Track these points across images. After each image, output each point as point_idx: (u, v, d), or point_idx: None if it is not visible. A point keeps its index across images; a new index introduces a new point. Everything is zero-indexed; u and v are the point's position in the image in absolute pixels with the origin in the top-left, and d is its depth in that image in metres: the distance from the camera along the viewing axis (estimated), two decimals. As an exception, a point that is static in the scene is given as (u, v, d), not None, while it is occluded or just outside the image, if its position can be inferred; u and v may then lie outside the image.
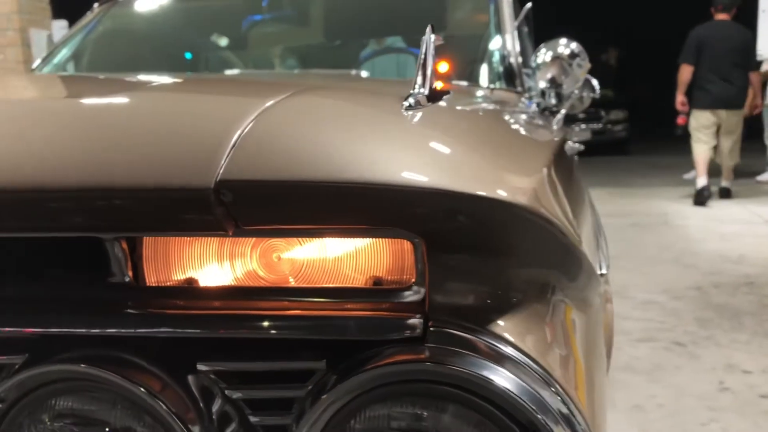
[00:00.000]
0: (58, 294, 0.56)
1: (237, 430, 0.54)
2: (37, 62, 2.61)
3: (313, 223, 0.48)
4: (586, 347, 0.57)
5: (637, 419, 2.41)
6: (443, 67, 2.37)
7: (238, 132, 0.48)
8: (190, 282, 0.57)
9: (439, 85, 1.47)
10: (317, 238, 0.53)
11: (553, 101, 1.99)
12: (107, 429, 0.54)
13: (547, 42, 2.04)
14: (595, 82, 2.47)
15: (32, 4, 8.21)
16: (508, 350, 0.48)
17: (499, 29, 2.30)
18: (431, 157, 0.50)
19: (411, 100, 0.57)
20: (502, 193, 0.46)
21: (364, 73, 1.96)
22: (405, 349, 0.48)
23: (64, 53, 2.64)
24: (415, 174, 0.47)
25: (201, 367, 0.54)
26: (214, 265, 0.57)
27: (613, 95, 12.39)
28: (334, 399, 0.49)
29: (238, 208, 0.46)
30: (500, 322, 0.49)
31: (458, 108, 0.69)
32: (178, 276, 0.57)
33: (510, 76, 2.10)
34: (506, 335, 0.49)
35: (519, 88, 2.06)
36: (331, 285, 0.55)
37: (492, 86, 2.03)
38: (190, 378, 0.54)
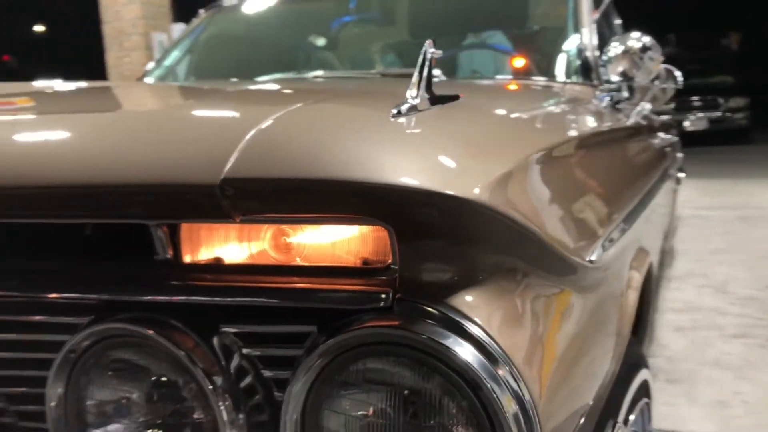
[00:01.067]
0: (116, 269, 0.70)
1: (251, 383, 0.66)
2: (150, 65, 2.87)
3: (303, 212, 0.59)
4: (555, 330, 0.64)
5: (718, 415, 2.36)
6: (519, 62, 2.41)
7: (241, 141, 0.59)
8: (218, 260, 0.70)
9: (507, 79, 1.51)
10: (315, 225, 0.65)
11: (626, 94, 2.00)
12: (151, 377, 0.68)
13: (619, 36, 2.06)
14: (678, 74, 2.43)
15: (155, 9, 8.79)
16: (463, 322, 0.57)
17: (577, 22, 2.32)
18: (404, 158, 0.59)
19: (400, 108, 0.67)
20: (453, 190, 0.55)
21: (436, 72, 2.03)
22: (376, 317, 0.58)
23: (175, 56, 2.88)
24: (386, 173, 0.57)
25: (224, 329, 0.67)
26: (235, 246, 0.70)
27: (732, 81, 11.70)
28: (321, 356, 0.60)
29: (239, 201, 0.58)
30: (460, 299, 0.58)
31: (456, 110, 0.77)
32: (208, 255, 0.70)
33: (586, 70, 2.12)
34: (463, 309, 0.58)
35: (595, 81, 2.07)
36: (325, 264, 0.66)
37: (567, 80, 2.06)
38: (215, 338, 0.67)
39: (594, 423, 0.78)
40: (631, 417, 0.99)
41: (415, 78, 0.71)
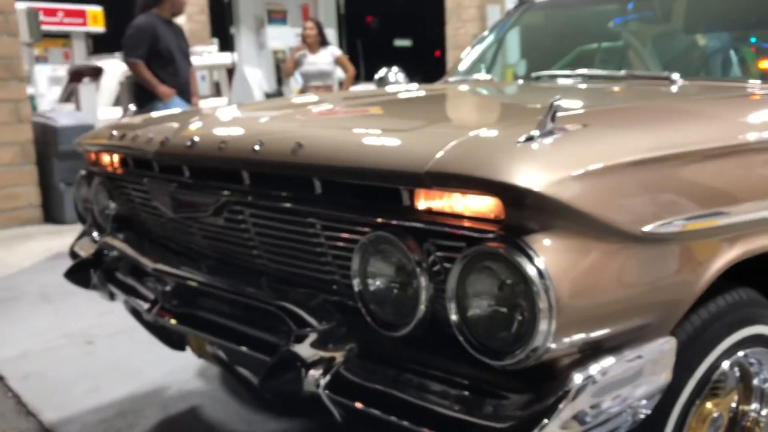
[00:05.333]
0: (385, 208, 1.40)
1: (436, 268, 1.31)
2: (467, 51, 3.58)
3: (467, 190, 1.23)
4: (596, 272, 1.18)
5: None
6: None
7: (443, 147, 1.25)
8: (430, 209, 1.36)
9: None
10: (478, 195, 1.27)
11: None
12: (393, 260, 1.37)
13: None
14: None
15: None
16: (530, 251, 1.15)
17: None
18: (515, 168, 1.18)
19: (530, 134, 1.24)
20: (530, 185, 1.13)
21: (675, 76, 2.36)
22: (492, 240, 1.19)
23: (489, 41, 3.55)
24: (505, 175, 1.18)
25: (429, 241, 1.33)
26: (440, 201, 1.35)
27: None
28: (465, 257, 1.22)
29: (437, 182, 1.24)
30: (534, 240, 1.16)
31: (566, 139, 1.29)
32: (425, 205, 1.36)
33: None
34: (534, 245, 1.15)
35: None
36: (475, 215, 1.27)
37: None
38: (424, 244, 1.33)
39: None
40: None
41: (542, 118, 1.27)
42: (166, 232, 2.10)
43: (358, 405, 1.38)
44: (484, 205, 1.24)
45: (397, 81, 3.42)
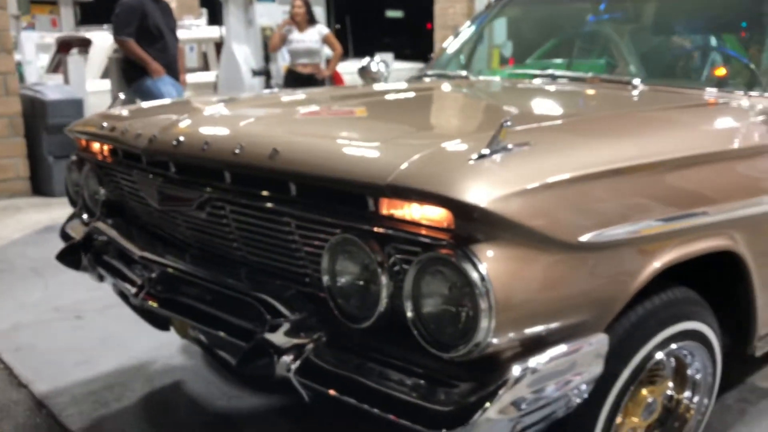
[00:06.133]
0: (351, 213, 1.55)
1: (395, 266, 1.47)
2: (449, 40, 3.71)
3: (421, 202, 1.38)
4: (532, 275, 1.34)
5: None
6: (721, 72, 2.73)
7: (406, 161, 1.40)
8: (392, 215, 1.51)
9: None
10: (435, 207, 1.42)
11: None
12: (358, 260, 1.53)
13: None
14: None
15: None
16: (474, 257, 1.30)
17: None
18: (462, 183, 1.33)
19: (480, 152, 1.39)
20: (473, 200, 1.29)
21: (636, 81, 2.51)
22: (442, 247, 1.35)
23: (469, 34, 3.69)
24: (453, 191, 1.33)
25: (389, 244, 1.49)
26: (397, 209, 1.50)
27: None
28: (420, 262, 1.38)
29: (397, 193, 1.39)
30: (478, 248, 1.32)
31: (513, 157, 1.45)
32: (387, 211, 1.51)
33: None
34: (478, 253, 1.31)
35: None
36: (430, 224, 1.44)
37: (742, 92, 2.33)
38: (385, 247, 1.48)
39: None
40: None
41: (492, 137, 1.42)
42: (153, 219, 2.24)
43: (325, 389, 1.54)
44: (438, 215, 1.39)
45: (379, 71, 3.54)
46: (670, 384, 1.96)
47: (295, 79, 6.75)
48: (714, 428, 2.28)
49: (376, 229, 1.48)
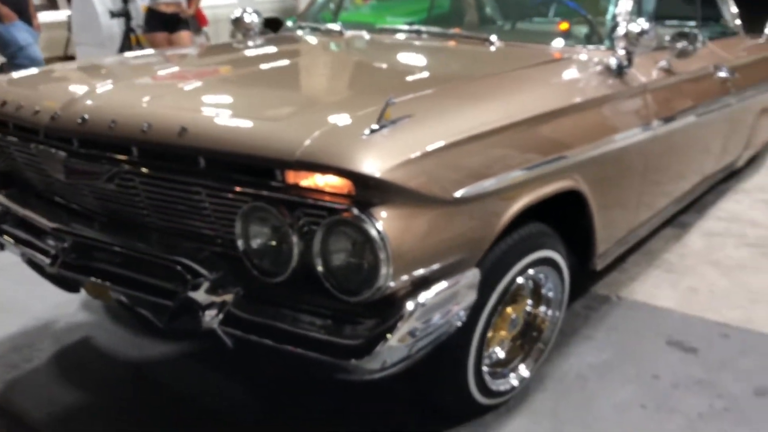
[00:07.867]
0: (260, 182, 1.77)
1: (303, 228, 1.72)
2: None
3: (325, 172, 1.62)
4: (418, 228, 1.65)
5: (686, 298, 3.15)
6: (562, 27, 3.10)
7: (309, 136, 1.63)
8: (299, 184, 1.75)
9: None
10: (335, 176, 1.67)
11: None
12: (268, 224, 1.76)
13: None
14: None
15: None
16: (369, 215, 1.59)
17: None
18: (358, 155, 1.60)
19: (371, 127, 1.65)
20: (364, 170, 1.57)
21: (493, 37, 2.83)
22: (342, 210, 1.62)
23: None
24: (352, 163, 1.59)
25: (298, 209, 1.71)
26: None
27: None
28: (325, 224, 1.65)
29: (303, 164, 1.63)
30: (375, 208, 1.60)
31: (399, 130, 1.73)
32: (295, 181, 1.74)
33: (608, 35, 2.75)
34: (373, 212, 1.60)
35: (607, 46, 2.68)
36: (332, 191, 1.69)
37: (582, 46, 2.72)
38: (295, 211, 1.72)
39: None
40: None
41: (380, 113, 1.68)
42: (54, 189, 2.33)
43: (247, 335, 1.79)
44: (340, 184, 1.65)
45: (252, 22, 3.64)
46: (529, 302, 2.38)
47: (157, 20, 6.57)
48: (565, 332, 2.75)
49: (285, 197, 1.71)
